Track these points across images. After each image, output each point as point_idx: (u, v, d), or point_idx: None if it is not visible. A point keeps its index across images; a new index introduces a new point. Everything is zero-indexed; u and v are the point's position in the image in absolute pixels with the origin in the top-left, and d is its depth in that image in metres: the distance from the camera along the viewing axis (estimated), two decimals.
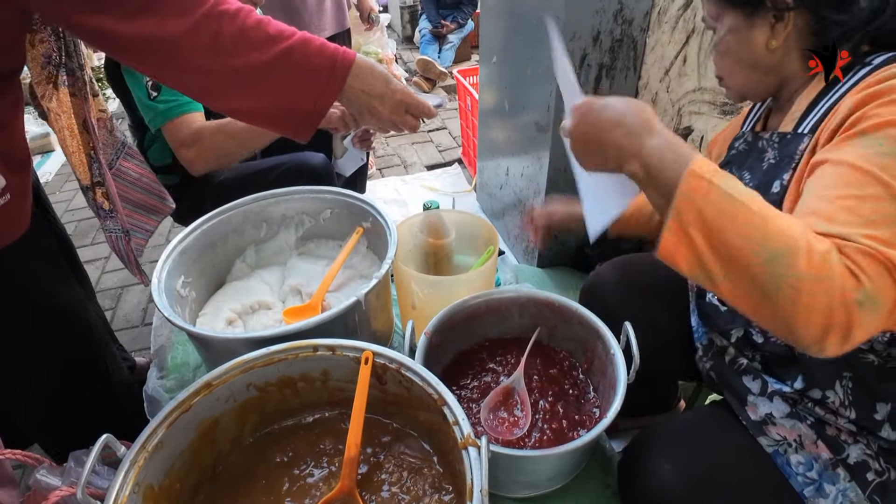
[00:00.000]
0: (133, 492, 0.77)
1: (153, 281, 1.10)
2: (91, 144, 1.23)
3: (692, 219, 0.64)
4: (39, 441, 1.28)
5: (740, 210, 0.63)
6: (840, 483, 0.83)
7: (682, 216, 0.64)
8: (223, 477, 0.91)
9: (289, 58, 0.85)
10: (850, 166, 0.67)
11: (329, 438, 0.95)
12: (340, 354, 0.90)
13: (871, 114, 0.69)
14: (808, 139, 0.80)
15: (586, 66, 1.60)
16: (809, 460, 0.84)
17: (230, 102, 0.90)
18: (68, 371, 1.15)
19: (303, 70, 0.87)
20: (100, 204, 1.28)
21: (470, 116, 2.78)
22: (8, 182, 0.92)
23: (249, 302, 1.24)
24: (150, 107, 1.46)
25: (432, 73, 4.09)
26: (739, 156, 0.97)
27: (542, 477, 0.95)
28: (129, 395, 1.31)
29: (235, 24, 0.82)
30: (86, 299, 1.23)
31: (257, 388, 0.92)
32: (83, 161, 1.22)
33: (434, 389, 0.82)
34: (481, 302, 1.11)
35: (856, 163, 0.67)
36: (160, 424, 0.82)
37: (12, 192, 0.93)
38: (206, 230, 1.27)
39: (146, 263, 2.52)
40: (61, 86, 1.14)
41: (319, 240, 1.43)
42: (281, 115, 0.91)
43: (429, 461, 0.89)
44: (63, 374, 1.15)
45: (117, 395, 1.26)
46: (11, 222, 0.98)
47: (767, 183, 0.85)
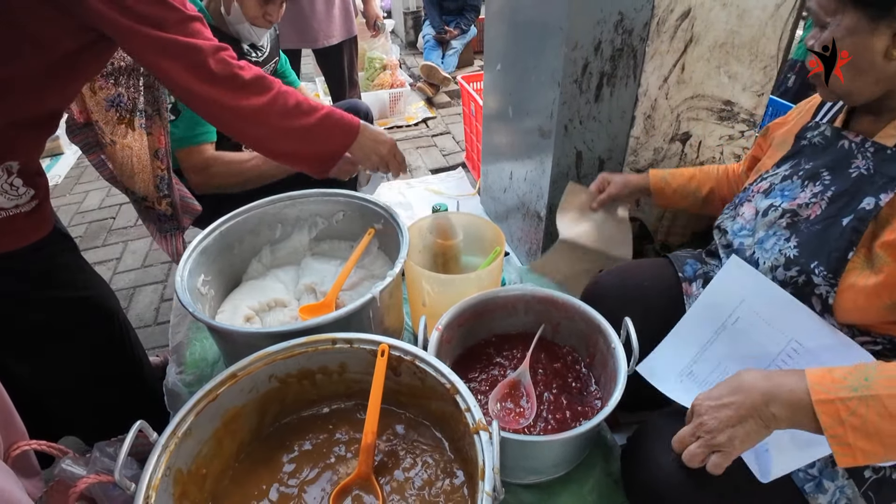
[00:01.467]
0: (165, 474, 0.82)
1: (176, 279, 1.16)
2: (162, 167, 1.41)
3: (850, 436, 0.68)
4: (78, 429, 1.40)
5: (881, 402, 0.67)
6: (839, 480, 0.86)
7: (841, 440, 0.69)
8: (246, 464, 0.97)
9: (327, 119, 1.24)
10: None
11: (345, 428, 1.00)
12: (357, 347, 0.96)
13: None
14: None
15: (588, 74, 1.66)
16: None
17: (281, 149, 1.25)
18: (105, 359, 1.30)
19: (337, 127, 1.27)
20: (162, 212, 1.47)
21: (474, 121, 2.84)
22: (36, 191, 1.08)
23: (266, 300, 1.30)
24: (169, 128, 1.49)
25: (436, 79, 4.15)
26: (813, 148, 0.96)
27: (548, 463, 1.01)
28: (154, 384, 1.41)
29: (293, 97, 1.19)
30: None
31: (278, 380, 0.98)
32: (147, 181, 1.42)
33: (447, 379, 0.87)
34: (489, 299, 1.17)
35: None
36: (189, 412, 0.88)
37: (40, 197, 1.10)
38: (224, 231, 1.32)
39: (158, 264, 2.58)
40: (138, 128, 1.35)
41: (332, 241, 1.48)
42: (316, 158, 1.28)
43: (440, 448, 0.95)
44: (101, 361, 1.29)
45: (147, 382, 1.40)
46: (43, 220, 1.13)
47: (855, 193, 0.85)
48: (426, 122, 3.93)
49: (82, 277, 1.25)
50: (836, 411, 0.68)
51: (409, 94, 4.02)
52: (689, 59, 1.59)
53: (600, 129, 1.76)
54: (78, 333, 1.24)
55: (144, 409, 1.30)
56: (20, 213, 1.07)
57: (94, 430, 1.31)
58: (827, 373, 0.72)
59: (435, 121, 3.95)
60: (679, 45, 1.55)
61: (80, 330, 1.23)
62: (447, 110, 4.10)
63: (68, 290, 1.20)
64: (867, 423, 0.67)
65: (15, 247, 1.08)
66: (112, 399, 1.34)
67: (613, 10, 1.53)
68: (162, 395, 1.38)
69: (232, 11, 1.59)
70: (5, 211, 1.05)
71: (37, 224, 1.12)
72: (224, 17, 1.61)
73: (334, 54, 3.00)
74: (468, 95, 2.83)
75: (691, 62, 1.60)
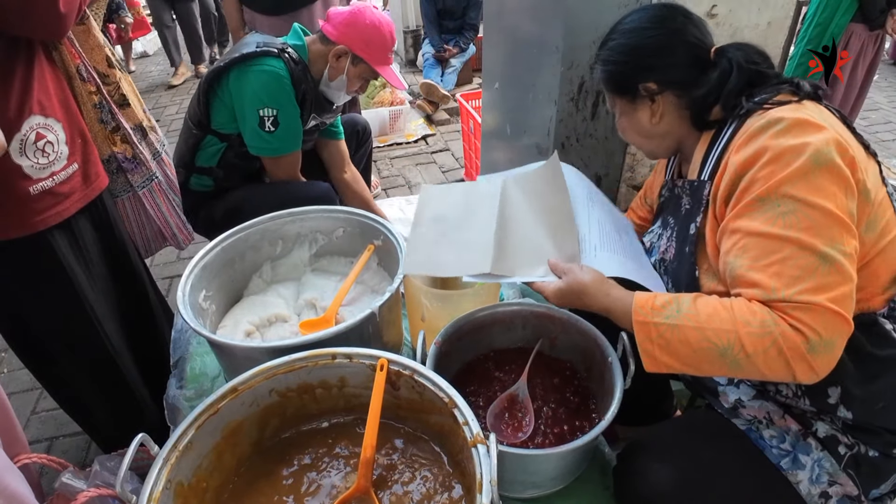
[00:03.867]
0: (166, 487, 0.83)
1: (178, 294, 1.17)
2: (92, 90, 1.38)
3: (657, 352, 0.86)
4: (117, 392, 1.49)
5: (682, 332, 0.83)
6: (814, 453, 0.90)
7: (650, 353, 0.86)
8: (246, 477, 0.97)
9: None
10: (764, 236, 0.82)
11: (345, 442, 1.01)
12: (357, 362, 0.97)
13: (758, 177, 0.83)
14: (709, 185, 0.95)
15: (584, 92, 1.69)
16: (781, 433, 0.92)
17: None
18: (144, 326, 1.49)
19: None
20: (124, 156, 1.47)
21: (472, 138, 2.87)
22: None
23: (267, 315, 1.31)
24: (263, 137, 1.70)
25: (435, 97, 4.20)
26: (666, 202, 1.15)
27: (546, 477, 1.01)
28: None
29: None
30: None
31: (279, 394, 0.99)
32: (89, 113, 1.40)
33: (445, 393, 0.88)
34: (487, 314, 1.18)
35: (767, 230, 0.81)
36: (190, 425, 0.88)
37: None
38: (226, 247, 1.34)
39: (160, 279, 2.59)
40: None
41: (332, 256, 1.50)
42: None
43: (439, 462, 0.95)
44: (139, 326, 1.48)
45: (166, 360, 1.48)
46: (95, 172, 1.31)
47: (686, 226, 1.02)
48: (426, 139, 3.97)
49: (127, 247, 1.46)
50: (649, 332, 0.86)
51: (408, 111, 4.07)
52: None
53: (597, 147, 1.78)
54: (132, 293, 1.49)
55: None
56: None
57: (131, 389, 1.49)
58: (652, 298, 0.89)
59: (434, 138, 4.00)
60: None
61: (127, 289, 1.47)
62: (446, 127, 4.15)
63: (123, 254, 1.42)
64: (670, 344, 0.84)
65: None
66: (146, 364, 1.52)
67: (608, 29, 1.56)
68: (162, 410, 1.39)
69: (336, 80, 1.82)
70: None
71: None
72: (323, 77, 1.82)
73: None
74: (467, 113, 2.87)
75: None
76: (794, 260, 0.78)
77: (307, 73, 1.78)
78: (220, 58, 1.80)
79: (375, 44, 1.78)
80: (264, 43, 1.71)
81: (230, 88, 1.68)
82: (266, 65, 1.66)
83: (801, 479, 0.91)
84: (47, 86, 1.20)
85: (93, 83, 1.36)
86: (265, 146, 1.74)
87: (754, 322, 0.78)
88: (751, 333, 0.78)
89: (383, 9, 5.53)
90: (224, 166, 1.82)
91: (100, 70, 1.41)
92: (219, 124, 1.76)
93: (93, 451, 1.84)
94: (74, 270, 1.29)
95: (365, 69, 1.81)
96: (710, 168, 0.96)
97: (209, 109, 1.75)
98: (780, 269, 0.79)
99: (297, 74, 1.72)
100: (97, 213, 1.36)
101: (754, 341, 0.78)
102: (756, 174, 0.84)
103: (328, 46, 1.78)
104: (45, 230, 1.20)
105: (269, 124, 1.69)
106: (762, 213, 0.82)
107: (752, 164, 0.84)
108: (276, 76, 1.66)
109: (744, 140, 0.88)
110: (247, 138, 1.74)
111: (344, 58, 1.77)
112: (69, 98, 1.28)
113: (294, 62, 1.73)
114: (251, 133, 1.72)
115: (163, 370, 1.48)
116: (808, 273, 0.77)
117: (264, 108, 1.67)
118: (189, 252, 1.62)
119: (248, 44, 1.72)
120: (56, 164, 1.20)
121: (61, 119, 1.21)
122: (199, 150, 1.80)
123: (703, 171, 0.99)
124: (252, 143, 1.74)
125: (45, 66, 1.20)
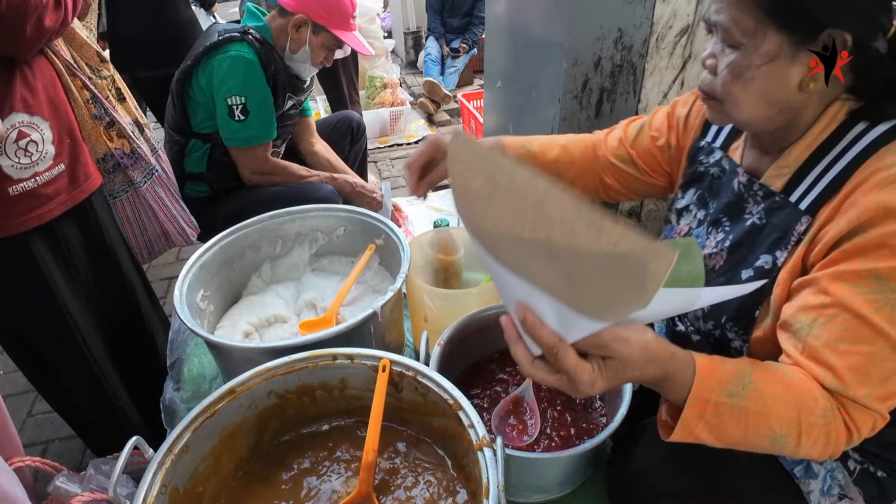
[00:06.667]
0: (160, 493, 0.80)
1: (175, 294, 1.15)
2: (80, 85, 1.34)
3: (699, 429, 0.68)
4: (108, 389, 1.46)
5: (743, 415, 0.67)
6: (827, 463, 0.86)
7: (689, 429, 0.69)
8: (243, 482, 0.94)
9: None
10: (861, 319, 0.68)
11: (345, 446, 0.98)
12: (358, 363, 0.94)
13: (887, 243, 0.66)
14: (807, 220, 0.75)
15: (588, 90, 1.67)
16: None
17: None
18: (134, 336, 1.49)
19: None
20: (122, 151, 1.42)
21: None
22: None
23: (266, 315, 1.28)
24: (233, 127, 1.65)
25: (437, 95, 4.18)
26: (710, 180, 0.93)
27: (553, 481, 0.99)
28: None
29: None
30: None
31: (278, 396, 0.96)
32: (82, 109, 1.35)
33: (450, 395, 0.86)
34: (492, 314, 1.15)
35: (867, 315, 0.67)
36: (186, 428, 0.86)
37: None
38: (225, 245, 1.32)
39: (157, 280, 2.56)
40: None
41: (333, 256, 1.48)
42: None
43: (443, 466, 0.93)
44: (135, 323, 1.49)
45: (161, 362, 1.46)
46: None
47: (751, 245, 0.83)
48: None
49: (121, 250, 1.45)
50: (703, 409, 0.67)
51: (409, 112, 4.05)
52: (688, 76, 1.60)
53: None
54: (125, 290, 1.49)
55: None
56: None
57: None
58: (716, 367, 0.69)
59: None
60: (678, 61, 1.56)
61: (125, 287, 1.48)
62: (447, 128, 4.12)
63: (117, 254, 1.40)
64: (721, 424, 0.68)
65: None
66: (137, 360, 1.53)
67: (613, 26, 1.55)
68: (159, 412, 1.36)
69: (299, 52, 1.75)
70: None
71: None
72: (286, 52, 1.76)
73: (335, 73, 3.03)
74: (468, 113, 2.85)
75: (691, 78, 1.61)
76: (881, 361, 0.68)
77: (273, 53, 1.71)
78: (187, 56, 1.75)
79: (335, 9, 1.71)
80: (225, 30, 1.66)
81: (200, 83, 1.64)
82: (231, 50, 1.61)
83: (812, 488, 0.87)
84: (33, 83, 1.16)
85: (84, 78, 1.33)
86: (235, 136, 1.68)
87: (816, 411, 0.69)
88: (811, 424, 0.68)
89: (383, 10, 5.52)
90: (214, 168, 1.79)
91: (92, 65, 1.38)
92: (198, 125, 1.72)
93: (88, 454, 1.82)
94: (54, 277, 1.24)
95: (327, 38, 1.75)
96: (813, 197, 0.75)
97: (186, 112, 1.71)
98: (861, 363, 0.68)
99: (263, 56, 1.66)
100: (85, 217, 1.31)
101: (811, 431, 0.69)
102: (887, 237, 0.66)
103: (287, 18, 1.71)
104: (24, 233, 1.16)
105: (238, 112, 1.63)
106: (870, 289, 0.67)
107: (883, 219, 0.66)
108: (242, 60, 1.61)
109: (887, 182, 0.68)
110: (221, 131, 1.70)
111: (304, 27, 1.71)
112: (59, 96, 1.23)
113: (259, 42, 1.67)
114: (222, 123, 1.67)
115: (156, 377, 1.45)
116: (886, 378, 0.69)
117: (232, 95, 1.62)
118: (187, 253, 1.59)
119: (210, 34, 1.67)
120: (40, 164, 1.16)
121: (48, 117, 1.17)
122: (186, 156, 1.76)
123: (796, 190, 0.78)
124: (224, 135, 1.69)
125: (33, 62, 1.17)
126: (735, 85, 0.75)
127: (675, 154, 1.06)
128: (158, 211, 1.56)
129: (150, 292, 1.60)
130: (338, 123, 2.26)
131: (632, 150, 1.11)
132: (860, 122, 0.74)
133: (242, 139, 1.69)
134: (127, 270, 1.46)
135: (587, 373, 0.61)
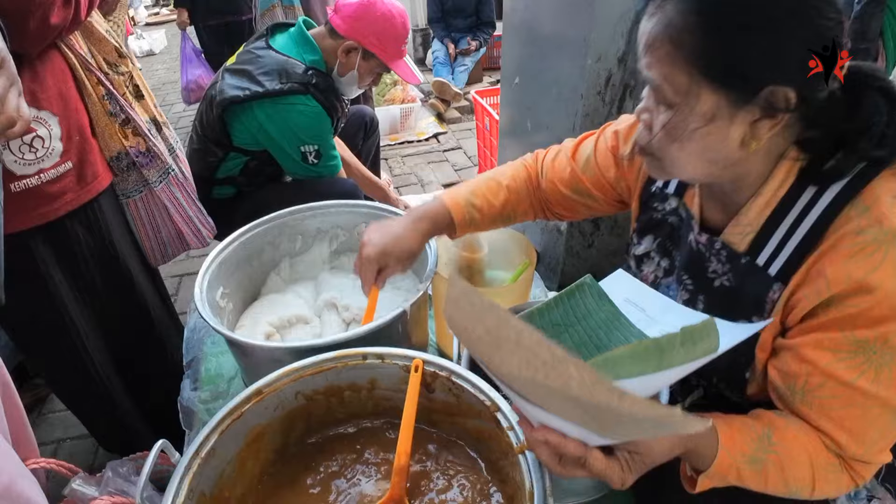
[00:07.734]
0: (188, 498, 0.77)
1: (195, 291, 1.12)
2: (95, 81, 1.27)
3: (718, 486, 0.72)
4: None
5: (764, 475, 0.71)
6: None
7: (715, 486, 0.72)
8: (269, 486, 0.91)
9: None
10: (848, 386, 0.67)
11: (374, 448, 0.95)
12: (389, 363, 0.91)
13: (868, 315, 0.64)
14: (779, 287, 0.72)
15: (611, 85, 1.64)
16: None
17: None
18: (144, 339, 1.44)
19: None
20: (137, 150, 1.36)
21: (488, 136, 2.82)
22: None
23: (287, 316, 1.26)
24: (307, 168, 1.71)
25: (447, 95, 4.15)
26: (670, 229, 0.89)
27: (586, 483, 0.95)
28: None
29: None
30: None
31: (305, 397, 0.93)
32: (96, 106, 1.28)
33: (487, 396, 0.83)
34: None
35: (852, 382, 0.67)
36: (213, 431, 0.83)
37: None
38: (244, 242, 1.29)
39: (168, 277, 2.54)
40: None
41: (351, 254, 1.45)
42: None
43: (476, 468, 0.90)
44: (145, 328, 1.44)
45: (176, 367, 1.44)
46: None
47: (729, 312, 0.76)
48: (437, 137, 3.92)
49: (128, 251, 1.40)
50: (727, 474, 0.70)
51: (419, 109, 4.02)
52: None
53: None
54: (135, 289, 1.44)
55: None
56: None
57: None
58: (742, 431, 0.71)
59: (446, 136, 3.94)
60: None
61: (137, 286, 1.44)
62: (458, 125, 4.09)
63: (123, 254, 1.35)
64: (741, 480, 0.71)
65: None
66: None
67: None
68: (167, 414, 1.33)
69: (347, 76, 1.74)
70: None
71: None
72: (334, 72, 1.75)
73: None
74: (482, 110, 2.82)
75: None
76: (875, 419, 0.69)
77: (332, 89, 1.70)
78: (229, 79, 1.66)
79: (388, 37, 1.68)
80: (284, 71, 1.60)
81: (257, 120, 1.61)
82: (300, 104, 1.60)
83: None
84: (43, 76, 1.11)
85: (100, 73, 1.29)
86: (308, 172, 1.73)
87: (830, 469, 0.72)
88: (824, 479, 0.72)
89: None
90: (247, 173, 1.77)
91: (110, 60, 1.34)
92: (242, 142, 1.69)
93: (101, 454, 1.79)
94: (55, 279, 1.20)
95: (377, 64, 1.73)
96: (783, 262, 0.72)
97: (228, 129, 1.67)
98: (855, 426, 0.69)
99: (328, 103, 1.67)
100: (93, 217, 1.25)
101: (823, 486, 0.72)
102: (865, 309, 0.64)
103: (338, 41, 1.68)
104: (23, 231, 1.12)
105: (311, 158, 1.68)
106: (851, 354, 0.66)
107: (855, 291, 0.64)
108: (315, 116, 1.63)
109: (856, 250, 0.64)
110: (287, 166, 1.73)
111: (354, 53, 1.69)
112: (71, 91, 1.18)
113: (321, 90, 1.64)
114: (293, 164, 1.70)
115: (166, 379, 1.42)
116: (882, 434, 0.70)
117: (305, 145, 1.65)
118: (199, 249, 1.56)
119: (265, 67, 1.60)
120: (45, 160, 1.11)
121: (57, 113, 1.13)
122: (221, 163, 1.74)
123: (761, 252, 0.74)
124: (295, 172, 1.74)
125: (45, 55, 1.12)
126: (671, 146, 0.70)
127: (627, 190, 1.00)
128: (174, 212, 1.51)
129: (162, 295, 1.57)
130: (351, 118, 2.23)
131: (584, 178, 1.03)
132: (810, 186, 0.69)
133: (316, 173, 1.74)
134: (136, 274, 1.40)
135: (617, 473, 0.65)
